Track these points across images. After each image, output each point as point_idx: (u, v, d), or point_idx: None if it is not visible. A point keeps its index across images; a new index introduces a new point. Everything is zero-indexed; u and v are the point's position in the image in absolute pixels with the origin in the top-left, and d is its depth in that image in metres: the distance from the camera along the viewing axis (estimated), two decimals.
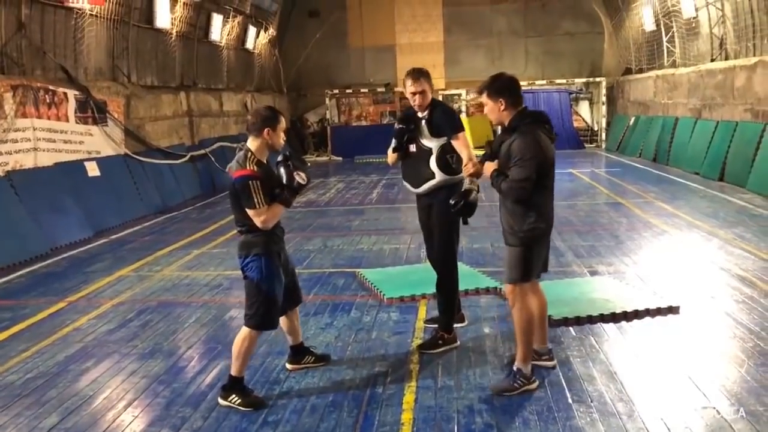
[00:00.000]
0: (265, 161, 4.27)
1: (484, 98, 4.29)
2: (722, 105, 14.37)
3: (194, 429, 4.04)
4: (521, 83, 4.47)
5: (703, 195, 12.16)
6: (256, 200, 4.09)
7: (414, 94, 4.95)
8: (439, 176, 4.96)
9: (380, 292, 6.50)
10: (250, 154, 4.20)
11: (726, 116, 14.15)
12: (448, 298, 5.23)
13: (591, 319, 5.61)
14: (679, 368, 4.63)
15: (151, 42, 14.79)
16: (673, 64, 17.77)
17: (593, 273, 7.20)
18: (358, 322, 5.79)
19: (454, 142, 4.90)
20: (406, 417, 4.08)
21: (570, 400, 4.22)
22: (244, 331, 4.33)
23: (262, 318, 4.28)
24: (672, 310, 5.79)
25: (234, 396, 4.32)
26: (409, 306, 6.24)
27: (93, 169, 11.39)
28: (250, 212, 4.14)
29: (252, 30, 20.80)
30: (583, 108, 24.39)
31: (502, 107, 4.22)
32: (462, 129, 4.99)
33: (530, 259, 4.29)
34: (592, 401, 4.19)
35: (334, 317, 6.03)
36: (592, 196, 12.63)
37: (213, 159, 16.33)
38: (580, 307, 5.82)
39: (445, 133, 4.93)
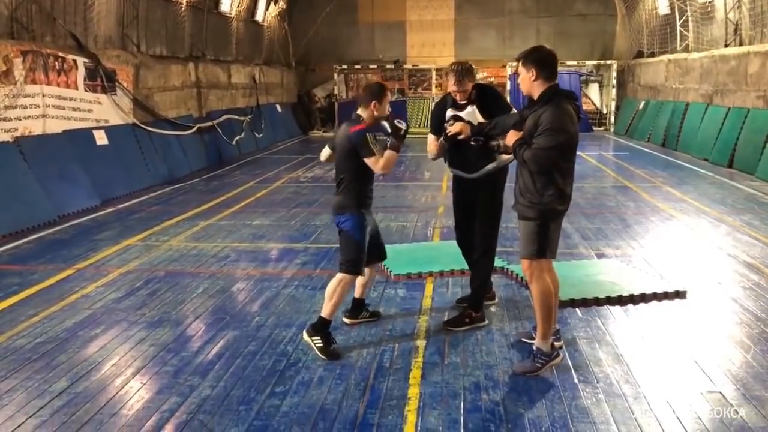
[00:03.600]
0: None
1: (519, 66, 4.31)
2: (734, 91, 14.26)
3: (202, 398, 4.08)
4: None
5: (712, 181, 12.11)
6: (374, 149, 4.65)
7: (456, 92, 4.94)
8: (498, 159, 4.96)
9: (387, 268, 6.51)
10: (360, 118, 4.80)
11: (738, 103, 14.04)
12: (483, 279, 5.26)
13: (598, 302, 5.63)
14: (685, 352, 4.65)
15: (161, 11, 14.68)
16: (686, 49, 17.60)
17: (600, 255, 7.21)
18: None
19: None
20: (413, 392, 4.11)
21: (576, 381, 4.25)
22: (338, 275, 4.82)
23: (353, 265, 4.79)
24: (679, 294, 5.80)
25: (318, 338, 4.71)
26: (416, 283, 6.26)
27: (101, 138, 11.37)
28: (369, 161, 4.67)
29: (262, 2, 20.63)
30: (593, 90, 24.20)
31: (533, 77, 4.20)
32: (511, 108, 5.07)
33: (547, 234, 4.28)
34: (598, 382, 4.22)
35: None
36: (600, 179, 12.59)
37: (220, 131, 16.30)
38: (587, 289, 5.83)
39: (498, 115, 4.89)
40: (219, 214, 9.66)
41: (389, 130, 4.78)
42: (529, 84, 4.25)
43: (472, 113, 4.93)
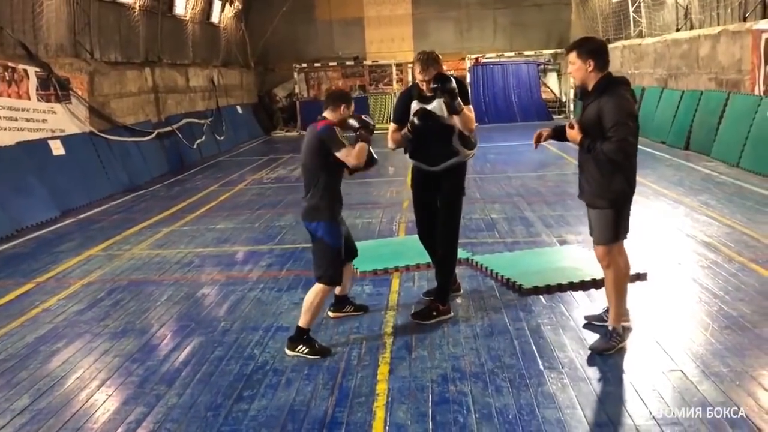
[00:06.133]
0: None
1: (572, 57, 4.33)
2: (687, 74, 14.55)
3: (169, 406, 4.04)
4: (489, 55, 4.51)
5: (669, 164, 12.34)
6: (343, 142, 4.58)
7: (422, 81, 4.92)
8: (462, 153, 5.02)
9: (353, 265, 6.49)
10: (327, 120, 4.72)
11: (691, 85, 14.32)
12: (448, 273, 5.29)
13: (561, 288, 5.71)
14: (646, 333, 4.74)
15: (114, 17, 14.44)
16: (640, 35, 17.90)
17: (562, 242, 7.30)
18: (331, 295, 5.79)
19: (466, 109, 4.91)
20: (381, 388, 4.13)
21: (541, 367, 4.30)
22: (316, 287, 4.71)
23: (332, 276, 4.70)
24: (639, 276, 5.90)
25: (301, 346, 4.66)
26: (382, 279, 6.27)
27: (57, 148, 11.15)
28: (340, 154, 4.56)
29: (217, 3, 20.42)
30: (551, 79, 24.48)
31: (590, 68, 4.27)
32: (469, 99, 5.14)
33: (620, 220, 4.41)
34: (563, 367, 4.28)
35: (307, 292, 6.01)
36: (561, 167, 12.75)
37: (180, 136, 16.10)
38: (550, 276, 5.90)
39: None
40: (182, 220, 9.56)
41: (356, 124, 4.73)
42: (585, 74, 4.30)
43: (438, 107, 4.93)
